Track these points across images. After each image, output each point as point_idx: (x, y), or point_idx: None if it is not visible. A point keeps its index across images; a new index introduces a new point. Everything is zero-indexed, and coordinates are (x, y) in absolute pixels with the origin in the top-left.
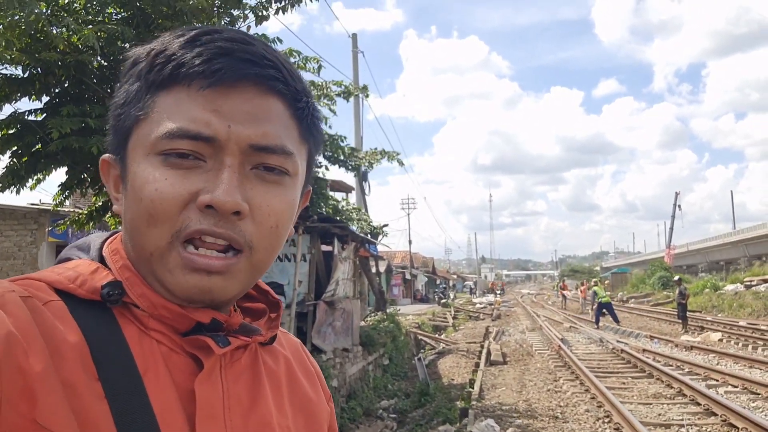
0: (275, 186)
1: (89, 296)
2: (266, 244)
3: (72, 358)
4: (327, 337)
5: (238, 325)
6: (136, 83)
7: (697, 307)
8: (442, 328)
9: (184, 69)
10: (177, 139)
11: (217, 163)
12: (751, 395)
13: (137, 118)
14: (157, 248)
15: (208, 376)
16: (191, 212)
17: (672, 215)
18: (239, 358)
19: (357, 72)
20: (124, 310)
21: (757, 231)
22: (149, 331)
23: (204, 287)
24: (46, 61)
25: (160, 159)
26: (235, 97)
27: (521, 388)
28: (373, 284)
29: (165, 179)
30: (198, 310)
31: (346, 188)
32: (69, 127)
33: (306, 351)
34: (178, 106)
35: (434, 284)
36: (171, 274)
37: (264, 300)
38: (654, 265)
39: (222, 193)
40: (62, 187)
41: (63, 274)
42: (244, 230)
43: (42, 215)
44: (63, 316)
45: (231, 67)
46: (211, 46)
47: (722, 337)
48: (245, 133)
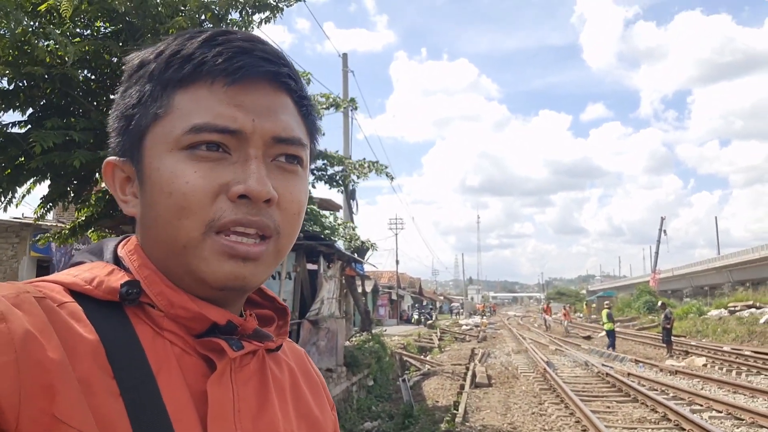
0: (293, 175)
1: (106, 297)
2: (290, 230)
3: (87, 356)
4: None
5: (252, 329)
6: (149, 83)
7: (682, 332)
8: (428, 349)
9: (206, 67)
10: (204, 132)
11: (242, 156)
12: (735, 420)
13: (155, 116)
14: (190, 239)
15: (220, 378)
16: (223, 203)
17: (657, 240)
18: (248, 363)
19: (347, 91)
20: (139, 311)
21: (741, 257)
22: (163, 331)
23: (239, 274)
24: (32, 74)
25: (186, 153)
26: (255, 93)
27: (506, 411)
28: (358, 304)
29: (194, 172)
30: (215, 311)
31: (334, 207)
32: (52, 140)
33: (310, 360)
34: (199, 103)
35: (421, 305)
36: (206, 263)
37: (271, 306)
38: (640, 289)
39: (255, 182)
40: (44, 200)
41: (79, 276)
42: (273, 216)
43: (24, 229)
44: (78, 317)
45: (252, 64)
46: (230, 45)
47: (707, 361)
48: (268, 126)
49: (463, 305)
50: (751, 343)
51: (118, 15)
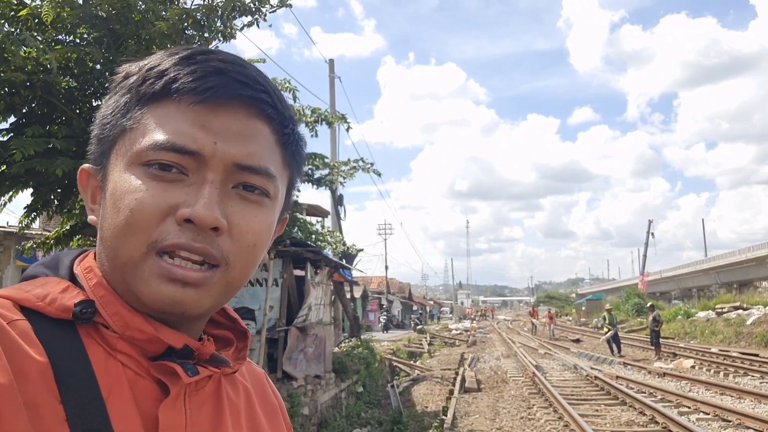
0: (255, 206)
1: (59, 315)
2: (242, 262)
3: (35, 379)
4: (298, 364)
5: (209, 354)
6: (126, 95)
7: (670, 334)
8: (418, 354)
9: (177, 84)
10: (162, 150)
11: (199, 178)
12: (722, 422)
13: (124, 128)
14: (131, 258)
15: (173, 402)
16: (169, 225)
17: (645, 242)
18: (204, 386)
19: (333, 97)
20: (92, 331)
21: (728, 259)
22: (116, 353)
23: (177, 299)
24: (12, 81)
25: (143, 170)
26: (224, 116)
27: (495, 416)
28: (347, 310)
29: (146, 190)
30: (171, 334)
31: (322, 213)
32: (33, 148)
33: (270, 382)
34: (166, 119)
35: (411, 310)
36: (145, 284)
37: (232, 328)
38: (628, 291)
39: (202, 207)
40: (28, 209)
41: (31, 291)
42: (221, 246)
43: (7, 238)
44: (28, 337)
45: (223, 85)
46: (206, 65)
47: (695, 363)
48: (231, 152)
49: (452, 309)
50: (738, 344)
51: (100, 21)
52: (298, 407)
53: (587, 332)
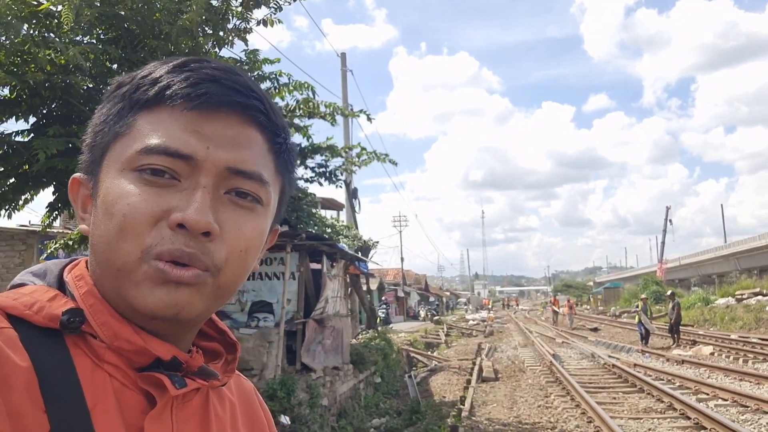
0: (248, 212)
1: (46, 323)
2: (234, 268)
3: (20, 389)
4: (317, 356)
5: (198, 367)
6: (119, 103)
7: (689, 321)
8: (435, 345)
9: (170, 91)
10: (154, 154)
11: (192, 183)
12: (740, 408)
13: (116, 134)
14: (125, 263)
15: (159, 415)
16: (162, 230)
17: (663, 229)
18: (191, 399)
19: (346, 91)
20: (79, 341)
21: (748, 244)
22: (103, 363)
23: (171, 301)
24: (33, 82)
25: (135, 175)
26: (217, 122)
27: (512, 405)
28: (363, 302)
29: (139, 194)
30: (160, 345)
31: (337, 206)
32: (55, 147)
33: (258, 396)
34: (158, 125)
35: (427, 301)
36: (138, 289)
37: (221, 340)
38: (646, 279)
39: (193, 212)
40: (50, 208)
41: (19, 299)
42: (213, 252)
43: (30, 236)
44: (13, 345)
45: (216, 92)
46: (199, 72)
47: (714, 350)
48: (223, 156)
49: (469, 300)
50: (758, 330)
51: (117, 21)
52: (317, 398)
53: (605, 321)
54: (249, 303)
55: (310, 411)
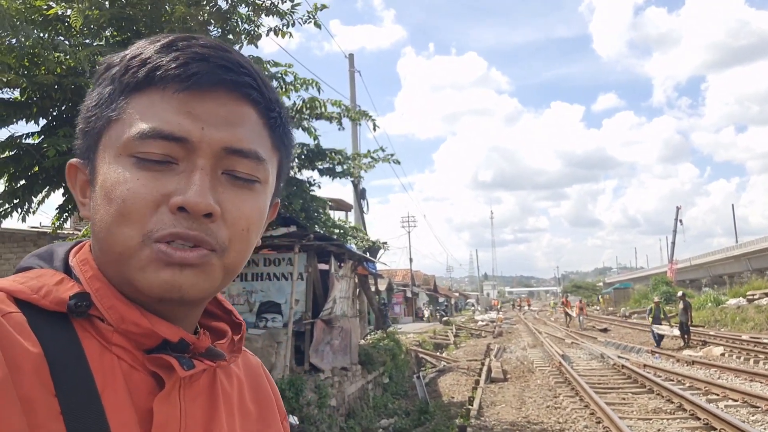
0: (246, 191)
1: (53, 308)
2: (238, 247)
3: (30, 373)
4: (325, 356)
5: (205, 348)
6: (109, 86)
7: (700, 322)
8: (444, 346)
9: (160, 72)
10: (150, 139)
11: (189, 165)
12: (751, 408)
13: (109, 119)
14: (127, 248)
15: (168, 396)
16: (163, 214)
17: (674, 230)
18: (198, 378)
19: (354, 92)
20: (87, 324)
21: (760, 244)
22: (111, 346)
23: (176, 283)
24: (43, 84)
25: (133, 160)
26: (210, 102)
27: (521, 405)
28: (372, 302)
29: (137, 179)
30: (167, 328)
31: (346, 206)
32: (66, 145)
33: (266, 371)
34: (151, 108)
35: (436, 302)
36: (142, 272)
37: (228, 320)
38: (657, 280)
39: (194, 194)
40: (60, 209)
41: (25, 283)
42: (216, 232)
43: (41, 238)
44: (22, 329)
45: (207, 71)
46: (188, 51)
47: (724, 351)
48: (218, 136)
49: (478, 301)
50: None
51: (127, 23)
52: (325, 398)
53: (615, 321)
54: (257, 303)
55: (318, 411)
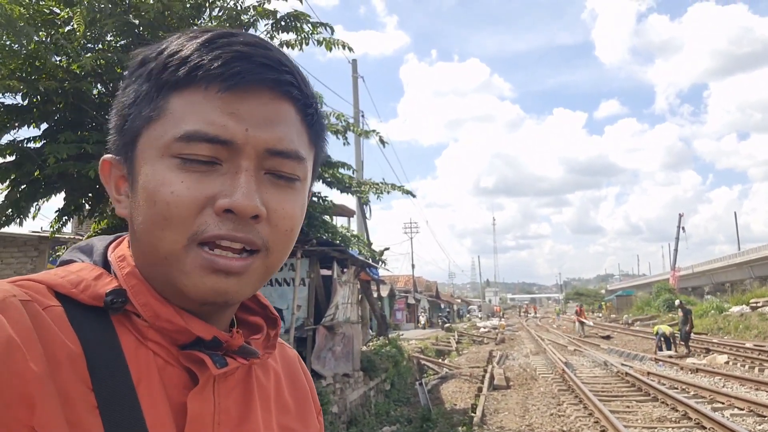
0: (288, 190)
1: (91, 302)
2: (281, 247)
3: (68, 366)
4: (327, 363)
5: (238, 346)
6: (146, 83)
7: (703, 330)
8: (446, 352)
9: (202, 71)
10: (194, 142)
11: (233, 167)
12: (757, 418)
13: (149, 118)
14: (171, 251)
15: (201, 392)
16: (208, 216)
17: (676, 237)
18: (233, 372)
19: (357, 97)
20: (124, 319)
21: (762, 252)
22: (147, 341)
23: (221, 289)
24: (45, 89)
25: (176, 162)
26: (252, 101)
27: (524, 413)
28: (374, 308)
29: (181, 182)
30: (201, 326)
31: (349, 212)
32: (66, 152)
33: (302, 363)
34: (193, 108)
35: (439, 308)
36: (187, 276)
37: (263, 315)
38: (659, 287)
39: (241, 197)
40: (60, 213)
41: (66, 277)
42: (261, 232)
43: (42, 242)
44: (61, 323)
45: (250, 70)
46: (229, 49)
47: (729, 359)
48: (262, 137)
49: (480, 307)
50: None
51: (129, 28)
52: (327, 405)
53: (617, 329)
54: None
55: None
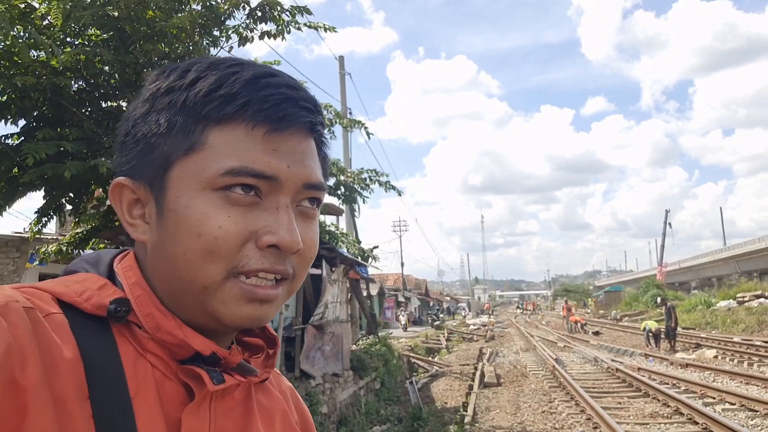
0: (312, 220)
1: (94, 311)
2: (303, 273)
3: (66, 374)
4: (316, 362)
5: (236, 363)
6: (179, 114)
7: (691, 324)
8: (436, 350)
9: (250, 110)
10: (241, 176)
11: (273, 202)
12: (749, 412)
13: (187, 150)
14: (212, 282)
15: (197, 408)
16: (250, 250)
17: (663, 233)
18: (232, 392)
19: (344, 94)
20: (125, 330)
21: (748, 247)
22: (146, 353)
23: (256, 316)
24: (23, 84)
25: (219, 194)
26: (291, 140)
27: (515, 411)
28: (363, 307)
29: (228, 217)
30: (200, 341)
31: (337, 211)
32: (44, 152)
33: (296, 395)
34: (236, 145)
35: (428, 306)
36: (225, 305)
37: (262, 335)
38: (646, 282)
39: (287, 234)
40: (39, 214)
41: (70, 286)
42: (293, 262)
43: (24, 243)
44: (62, 331)
45: (296, 115)
46: (276, 91)
47: (717, 353)
48: (301, 173)
49: (469, 305)
50: (761, 333)
51: (109, 21)
52: (316, 406)
53: (606, 324)
54: None
55: None
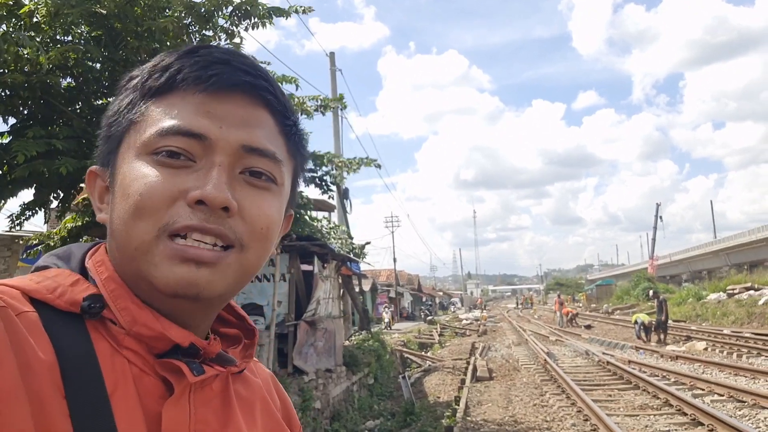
0: (264, 191)
1: (67, 308)
2: (257, 246)
3: (41, 373)
4: (309, 358)
5: (215, 353)
6: (132, 94)
7: (681, 317)
8: (429, 345)
9: (181, 75)
10: (169, 136)
11: (207, 163)
12: (737, 403)
13: (131, 122)
14: (142, 242)
15: (177, 401)
16: (180, 208)
17: (654, 226)
18: (210, 383)
19: (335, 90)
20: (100, 326)
21: (738, 240)
22: (122, 349)
23: (191, 279)
24: (12, 82)
25: (152, 158)
26: (228, 103)
27: (507, 404)
28: (356, 303)
29: (156, 175)
30: (178, 332)
31: (329, 207)
32: (35, 149)
33: (277, 382)
34: (171, 109)
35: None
36: (156, 267)
37: (240, 326)
38: (638, 276)
39: (212, 188)
40: (24, 207)
41: (41, 283)
42: (234, 227)
43: (15, 242)
44: (35, 329)
45: (226, 73)
46: (209, 56)
47: (707, 345)
48: (236, 135)
49: (462, 300)
50: (750, 324)
51: (98, 19)
52: (309, 401)
53: (598, 318)
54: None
55: (302, 415)
